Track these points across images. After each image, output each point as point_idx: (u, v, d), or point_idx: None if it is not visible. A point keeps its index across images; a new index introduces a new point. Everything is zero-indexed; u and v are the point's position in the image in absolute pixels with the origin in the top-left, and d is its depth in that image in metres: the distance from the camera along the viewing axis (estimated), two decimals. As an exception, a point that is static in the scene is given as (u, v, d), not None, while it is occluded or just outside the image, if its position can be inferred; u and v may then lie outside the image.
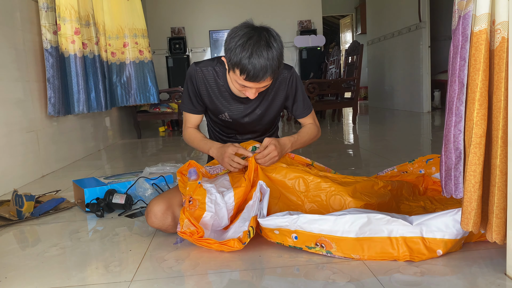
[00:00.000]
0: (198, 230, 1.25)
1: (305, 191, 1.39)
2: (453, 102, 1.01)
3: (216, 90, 1.59)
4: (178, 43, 6.53)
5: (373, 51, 7.71)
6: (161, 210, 1.38)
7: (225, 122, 1.68)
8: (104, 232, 1.52)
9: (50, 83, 2.80)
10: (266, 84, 1.40)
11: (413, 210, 1.42)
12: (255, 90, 1.41)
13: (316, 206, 1.36)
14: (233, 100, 1.60)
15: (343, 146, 3.47)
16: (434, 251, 1.11)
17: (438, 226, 1.10)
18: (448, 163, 1.04)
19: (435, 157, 1.81)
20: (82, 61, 3.32)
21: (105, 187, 1.78)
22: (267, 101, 1.62)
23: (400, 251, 1.11)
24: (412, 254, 1.11)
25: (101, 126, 3.93)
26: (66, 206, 1.86)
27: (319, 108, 4.82)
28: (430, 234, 1.10)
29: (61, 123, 3.01)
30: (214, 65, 1.58)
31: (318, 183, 1.38)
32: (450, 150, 1.04)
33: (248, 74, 1.32)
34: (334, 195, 1.35)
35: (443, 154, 1.06)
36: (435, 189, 1.72)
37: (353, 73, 4.83)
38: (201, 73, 1.58)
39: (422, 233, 1.11)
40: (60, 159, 2.92)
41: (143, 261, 1.23)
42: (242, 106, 1.62)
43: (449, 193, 1.06)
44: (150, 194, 1.76)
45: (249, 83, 1.37)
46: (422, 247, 1.11)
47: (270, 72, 1.34)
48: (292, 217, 1.16)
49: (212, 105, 1.63)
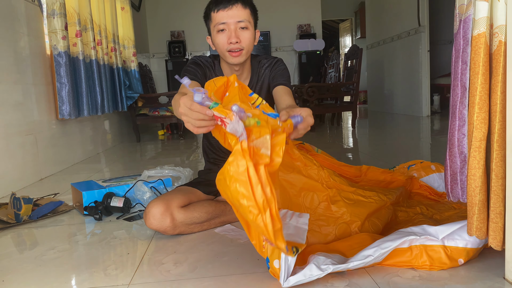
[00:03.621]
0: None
1: (312, 207, 1.30)
2: (456, 106, 1.01)
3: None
4: (178, 47, 6.54)
5: (372, 55, 7.72)
6: (159, 212, 1.38)
7: None
8: (102, 235, 1.52)
9: (62, 86, 2.84)
10: (241, 16, 1.40)
11: (412, 217, 1.41)
12: (234, 26, 1.40)
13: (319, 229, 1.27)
14: None
15: (343, 150, 3.47)
16: (456, 260, 1.07)
17: (460, 234, 1.07)
18: (454, 167, 1.04)
19: (417, 163, 1.81)
20: (94, 65, 3.40)
21: (104, 190, 1.77)
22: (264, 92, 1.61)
23: (420, 260, 1.07)
24: (433, 264, 1.06)
25: (100, 129, 3.93)
26: (64, 209, 1.85)
27: (318, 112, 4.82)
28: (452, 242, 1.07)
29: (60, 126, 3.01)
30: (212, 59, 1.59)
31: (327, 206, 1.30)
32: (454, 154, 1.03)
33: (216, 3, 1.40)
34: (342, 223, 1.27)
35: (447, 158, 1.06)
36: (420, 193, 1.71)
37: (353, 77, 4.84)
38: (203, 62, 1.58)
39: (443, 242, 1.08)
40: (58, 162, 2.92)
41: (141, 264, 1.23)
42: None
43: (456, 197, 1.05)
44: (148, 198, 1.75)
45: (221, 14, 1.39)
46: (444, 256, 1.06)
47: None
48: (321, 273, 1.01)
49: None
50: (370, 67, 7.89)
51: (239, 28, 1.42)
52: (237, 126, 0.91)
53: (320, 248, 1.13)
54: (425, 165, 1.80)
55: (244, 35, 1.42)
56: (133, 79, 4.61)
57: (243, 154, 0.88)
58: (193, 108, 0.92)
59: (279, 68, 1.59)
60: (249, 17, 1.43)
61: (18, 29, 2.51)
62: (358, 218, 1.26)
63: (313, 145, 1.86)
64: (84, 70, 3.18)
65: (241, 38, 1.42)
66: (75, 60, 3.13)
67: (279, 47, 7.01)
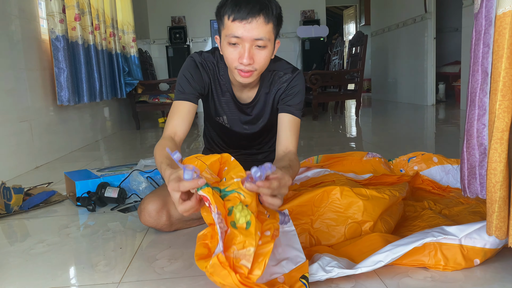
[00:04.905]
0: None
1: (319, 206, 1.20)
2: (476, 93, 0.92)
3: (219, 88, 1.40)
4: (179, 33, 6.42)
5: (377, 43, 7.58)
6: (155, 209, 1.29)
7: (222, 127, 1.50)
8: (94, 228, 1.44)
9: (61, 71, 2.75)
10: (261, 33, 1.14)
11: (420, 213, 1.33)
12: (249, 44, 1.15)
13: (328, 229, 1.17)
14: (234, 104, 1.42)
15: (346, 139, 3.38)
16: (471, 261, 0.99)
17: (479, 234, 0.99)
18: (472, 161, 0.96)
19: (417, 155, 1.71)
20: (92, 50, 3.30)
21: (98, 180, 1.70)
22: (268, 111, 1.43)
23: (434, 259, 0.99)
24: (447, 264, 0.98)
25: (99, 116, 3.85)
26: (58, 199, 1.78)
27: (321, 100, 4.72)
28: (469, 241, 0.99)
29: (57, 113, 2.93)
30: (215, 60, 1.37)
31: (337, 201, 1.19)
32: (473, 146, 0.95)
33: (233, 9, 1.13)
34: (352, 223, 1.16)
35: (464, 150, 0.97)
36: (423, 188, 1.62)
37: (357, 64, 4.73)
38: (206, 67, 1.37)
39: (460, 240, 1.00)
40: (55, 150, 2.84)
41: (133, 260, 1.16)
42: (242, 113, 1.44)
43: (474, 193, 0.97)
44: (144, 188, 1.68)
45: (238, 26, 1.13)
46: (459, 256, 0.98)
47: (259, 7, 1.12)
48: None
49: (212, 104, 1.43)
50: (374, 54, 7.75)
51: (255, 46, 1.16)
52: (217, 224, 0.84)
53: (327, 250, 1.05)
54: (426, 157, 1.70)
55: (260, 55, 1.18)
56: (133, 65, 4.51)
57: (223, 266, 0.81)
58: (181, 188, 0.85)
59: (295, 88, 1.36)
60: (270, 34, 1.16)
61: (8, 12, 2.41)
62: (370, 217, 1.17)
63: (313, 136, 1.77)
64: (83, 55, 3.09)
65: (256, 58, 1.17)
66: (74, 45, 3.03)
67: (282, 34, 6.87)
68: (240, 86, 1.35)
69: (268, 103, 1.41)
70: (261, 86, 1.38)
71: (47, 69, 2.81)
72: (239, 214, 0.88)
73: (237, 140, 1.56)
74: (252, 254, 0.83)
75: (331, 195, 1.21)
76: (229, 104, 1.42)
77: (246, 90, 1.39)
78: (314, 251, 1.03)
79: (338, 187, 1.22)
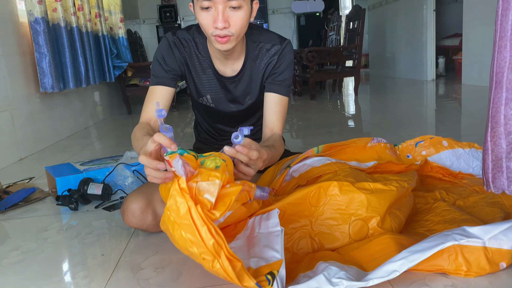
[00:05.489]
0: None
1: (318, 204, 1.06)
2: (503, 73, 0.78)
3: (198, 65, 1.31)
4: (169, 11, 6.19)
5: (374, 17, 7.36)
6: (140, 208, 1.16)
7: (208, 108, 1.41)
8: (76, 230, 1.32)
9: (42, 56, 2.59)
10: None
11: (432, 205, 1.20)
12: (222, 6, 1.06)
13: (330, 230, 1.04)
14: (217, 80, 1.33)
15: (345, 119, 3.25)
16: (497, 264, 0.87)
17: (507, 234, 0.86)
18: (498, 151, 0.83)
19: (426, 139, 1.57)
20: (76, 33, 3.12)
21: (80, 176, 1.57)
22: (257, 87, 1.34)
23: (455, 263, 0.87)
24: (470, 270, 0.86)
25: (88, 102, 3.69)
26: (39, 196, 1.65)
27: (319, 78, 4.56)
28: (494, 243, 0.86)
29: (42, 100, 2.77)
30: (192, 36, 1.29)
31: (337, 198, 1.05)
32: (499, 135, 0.82)
33: None
34: (356, 220, 1.03)
35: (489, 140, 0.84)
36: (432, 175, 1.49)
37: (355, 40, 4.55)
38: (181, 46, 1.29)
39: (484, 242, 0.87)
40: (41, 140, 2.70)
41: (116, 269, 1.04)
42: (226, 90, 1.34)
43: (500, 188, 0.84)
44: (130, 183, 1.55)
45: None
46: (483, 260, 0.86)
47: None
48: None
49: (192, 84, 1.35)
50: (371, 29, 7.53)
51: (229, 8, 1.07)
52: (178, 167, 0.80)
53: (332, 257, 0.93)
54: (435, 141, 1.57)
55: (236, 17, 1.08)
56: (121, 47, 4.32)
57: (182, 193, 0.77)
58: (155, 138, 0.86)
59: (284, 62, 1.29)
60: None
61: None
62: (376, 212, 1.04)
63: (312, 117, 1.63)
64: (67, 38, 2.91)
65: (231, 21, 1.09)
66: (56, 27, 2.86)
67: (276, 9, 6.64)
68: (222, 58, 1.27)
69: (256, 79, 1.32)
70: (246, 58, 1.29)
71: (28, 54, 2.64)
72: (210, 161, 0.85)
73: (225, 122, 1.47)
74: (217, 188, 0.80)
75: (328, 191, 1.08)
76: (211, 81, 1.33)
77: (229, 63, 1.29)
78: (318, 258, 0.91)
79: (335, 182, 1.09)
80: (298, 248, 1.04)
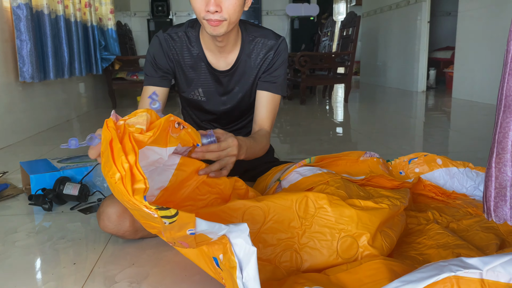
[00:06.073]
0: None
1: (307, 216, 1.01)
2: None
3: (189, 59, 1.29)
4: (161, 5, 6.08)
5: (367, 24, 7.35)
6: (116, 212, 1.09)
7: (199, 103, 1.38)
8: (48, 233, 1.23)
9: (23, 44, 2.48)
10: None
11: (425, 227, 1.15)
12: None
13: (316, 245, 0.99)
14: (209, 73, 1.31)
15: (335, 126, 3.20)
16: None
17: (505, 267, 0.81)
18: (502, 179, 0.78)
19: (419, 156, 1.53)
20: (61, 21, 3.00)
21: (56, 174, 1.48)
22: (249, 80, 1.33)
23: None
24: None
25: (72, 93, 3.57)
26: (11, 193, 1.56)
27: (310, 83, 4.51)
28: (492, 275, 0.81)
29: (22, 90, 2.65)
30: (185, 30, 1.28)
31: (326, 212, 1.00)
32: (505, 162, 0.77)
33: None
34: (345, 237, 0.98)
35: (493, 166, 0.79)
36: (425, 194, 1.45)
37: (348, 46, 4.51)
38: (172, 42, 1.27)
39: (482, 274, 0.81)
40: (19, 131, 2.59)
41: (88, 281, 0.96)
42: (219, 83, 1.33)
43: (502, 218, 0.79)
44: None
45: None
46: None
47: None
48: None
49: (183, 79, 1.33)
50: (364, 36, 7.53)
51: None
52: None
53: (318, 280, 0.87)
54: (429, 158, 1.53)
55: (228, 1, 1.08)
56: (110, 39, 4.20)
57: (108, 129, 0.76)
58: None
59: (279, 60, 1.29)
60: None
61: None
62: (367, 229, 0.99)
63: (302, 121, 1.57)
64: (49, 26, 2.80)
65: (223, 6, 1.08)
66: (39, 14, 2.74)
67: (270, 11, 6.58)
68: (216, 50, 1.25)
69: (250, 73, 1.31)
70: (241, 52, 1.28)
71: (9, 42, 2.52)
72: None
73: (216, 120, 1.44)
74: (145, 119, 0.81)
75: (317, 204, 1.03)
76: (203, 74, 1.32)
77: (222, 56, 1.28)
78: (302, 283, 0.84)
79: (325, 195, 1.04)
80: (281, 261, 0.99)
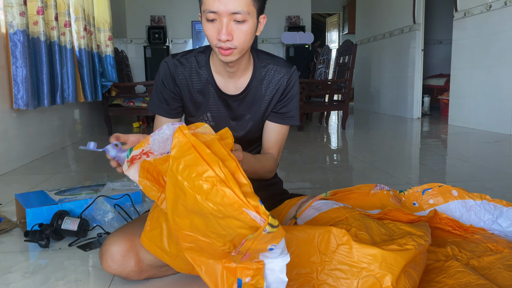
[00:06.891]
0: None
1: (327, 252, 0.97)
2: None
3: (198, 83, 1.25)
4: (158, 33, 6.10)
5: (361, 52, 7.44)
6: (120, 251, 1.02)
7: None
8: (43, 274, 1.15)
9: (18, 71, 2.43)
10: (238, 5, 1.03)
11: (444, 265, 1.09)
12: (227, 19, 1.04)
13: (336, 282, 0.94)
14: (218, 98, 1.26)
15: (336, 154, 3.16)
16: None
17: None
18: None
19: (434, 187, 1.48)
20: (56, 47, 2.97)
21: (54, 207, 1.40)
22: (260, 109, 1.28)
23: None
24: None
25: (68, 120, 3.51)
26: (5, 228, 1.47)
27: (307, 110, 4.50)
28: None
29: (17, 117, 2.59)
30: (194, 54, 1.25)
31: (349, 249, 0.96)
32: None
33: None
34: (367, 276, 0.93)
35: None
36: (441, 228, 1.39)
37: (345, 74, 4.53)
38: (181, 67, 1.24)
39: None
40: (13, 159, 2.50)
41: (90, 330, 0.88)
42: (228, 108, 1.28)
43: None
44: (111, 219, 1.39)
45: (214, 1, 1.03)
46: None
47: None
48: None
49: (191, 104, 1.28)
50: (357, 63, 7.59)
51: (233, 22, 1.06)
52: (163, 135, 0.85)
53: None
54: (444, 189, 1.47)
55: (239, 31, 1.07)
56: (108, 65, 4.19)
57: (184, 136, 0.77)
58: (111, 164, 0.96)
59: (292, 90, 1.29)
60: (249, 7, 1.06)
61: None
62: (390, 270, 0.93)
63: (301, 148, 1.52)
64: (46, 53, 2.76)
65: (235, 35, 1.07)
66: (35, 41, 2.70)
67: (266, 39, 6.64)
68: (226, 75, 1.23)
69: (260, 101, 1.28)
70: (253, 78, 1.25)
71: (4, 68, 2.47)
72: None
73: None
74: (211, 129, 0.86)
75: (340, 240, 0.97)
76: (212, 98, 1.27)
77: (232, 81, 1.24)
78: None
79: (346, 231, 0.98)
80: None
